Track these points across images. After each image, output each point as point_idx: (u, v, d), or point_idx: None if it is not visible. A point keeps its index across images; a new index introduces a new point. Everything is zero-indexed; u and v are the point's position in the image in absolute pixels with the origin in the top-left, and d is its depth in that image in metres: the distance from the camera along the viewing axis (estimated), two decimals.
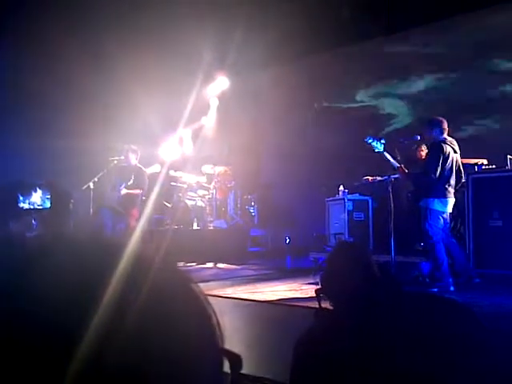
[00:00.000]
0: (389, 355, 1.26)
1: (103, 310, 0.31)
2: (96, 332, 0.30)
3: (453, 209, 5.09)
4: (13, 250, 0.37)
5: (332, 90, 8.83)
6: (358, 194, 7.21)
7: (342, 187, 7.30)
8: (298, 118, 9.03)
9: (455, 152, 5.03)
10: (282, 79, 8.88)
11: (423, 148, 6.04)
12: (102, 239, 0.40)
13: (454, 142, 5.06)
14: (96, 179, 7.15)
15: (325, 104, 9.01)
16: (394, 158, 5.22)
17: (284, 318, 4.08)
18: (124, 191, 6.91)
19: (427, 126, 5.08)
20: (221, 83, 9.47)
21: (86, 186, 7.08)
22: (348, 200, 7.04)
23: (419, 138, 5.46)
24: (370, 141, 5.25)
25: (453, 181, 5.00)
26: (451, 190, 4.98)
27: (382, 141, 5.24)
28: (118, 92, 8.08)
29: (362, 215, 7.07)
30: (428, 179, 4.94)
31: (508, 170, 5.47)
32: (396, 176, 5.83)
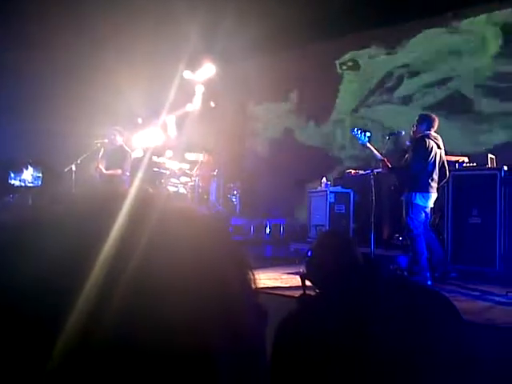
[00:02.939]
0: (368, 338, 1.28)
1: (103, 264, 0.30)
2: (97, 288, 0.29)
3: (434, 203, 5.16)
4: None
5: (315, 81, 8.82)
6: (339, 187, 7.27)
7: (324, 179, 7.35)
8: (284, 107, 9.02)
9: (439, 147, 5.09)
10: (269, 67, 8.85)
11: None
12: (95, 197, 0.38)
13: (439, 138, 5.11)
14: (79, 161, 7.05)
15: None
16: (378, 152, 5.27)
17: (265, 305, 4.11)
18: (104, 171, 6.80)
19: (416, 121, 5.14)
20: (207, 70, 9.39)
21: (68, 168, 6.97)
22: (330, 192, 7.09)
23: (403, 133, 5.51)
24: (355, 132, 5.28)
25: (436, 176, 5.05)
26: (434, 184, 5.03)
27: (368, 133, 5.27)
28: (103, 75, 7.97)
29: (343, 207, 7.13)
30: (410, 173, 4.99)
31: (488, 169, 5.57)
32: (379, 170, 5.89)
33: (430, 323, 1.37)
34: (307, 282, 1.88)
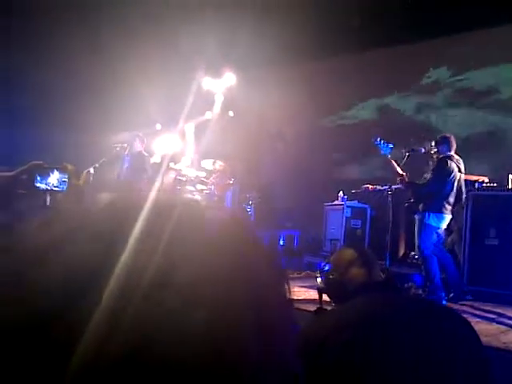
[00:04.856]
0: (384, 354, 1.26)
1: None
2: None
3: (450, 223, 5.10)
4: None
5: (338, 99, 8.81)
6: (356, 202, 7.22)
7: (341, 193, 7.31)
8: (304, 121, 9.02)
9: (459, 171, 5.04)
10: (290, 79, 8.88)
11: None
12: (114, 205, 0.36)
13: (461, 161, 5.07)
14: (97, 165, 7.12)
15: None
16: (398, 166, 5.22)
17: None
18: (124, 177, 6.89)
19: (436, 142, 5.11)
20: (227, 79, 9.45)
21: (86, 171, 7.05)
22: (347, 207, 7.05)
23: (423, 150, 5.46)
24: (378, 142, 5.24)
25: (452, 198, 5.00)
26: (448, 207, 4.99)
27: (391, 145, 5.24)
28: (121, 84, 8.07)
29: (359, 223, 7.08)
30: (427, 191, 4.95)
31: (508, 190, 5.49)
32: (396, 186, 5.84)
33: (449, 344, 1.35)
34: (324, 296, 1.86)
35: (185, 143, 9.59)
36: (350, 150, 8.34)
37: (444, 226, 5.00)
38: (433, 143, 5.13)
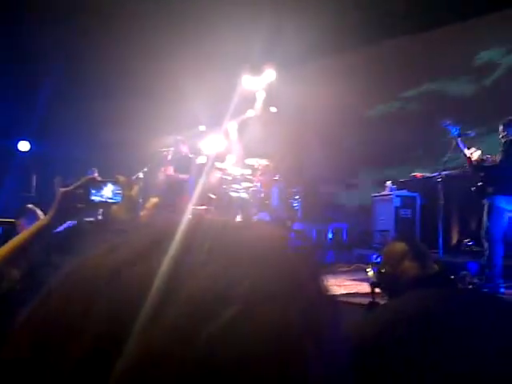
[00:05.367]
0: (440, 350, 1.24)
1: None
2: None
3: None
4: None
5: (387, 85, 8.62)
6: (405, 190, 7.06)
7: (389, 183, 7.17)
8: (349, 111, 8.90)
9: None
10: (331, 71, 8.79)
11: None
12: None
13: None
14: (146, 169, 7.33)
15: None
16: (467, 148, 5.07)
17: None
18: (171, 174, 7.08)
19: (504, 124, 4.95)
20: (268, 75, 9.46)
21: (135, 176, 7.27)
22: (395, 196, 6.90)
23: (473, 134, 5.28)
24: (446, 124, 5.16)
25: None
26: None
27: (458, 127, 5.13)
28: (167, 85, 8.24)
29: (409, 212, 6.92)
30: (498, 174, 4.79)
31: None
32: (446, 172, 5.67)
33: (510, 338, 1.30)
34: (376, 290, 1.85)
35: (229, 142, 9.69)
36: (400, 139, 8.16)
37: None
38: (500, 126, 4.97)
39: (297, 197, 8.99)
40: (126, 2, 6.93)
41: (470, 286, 4.80)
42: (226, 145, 9.57)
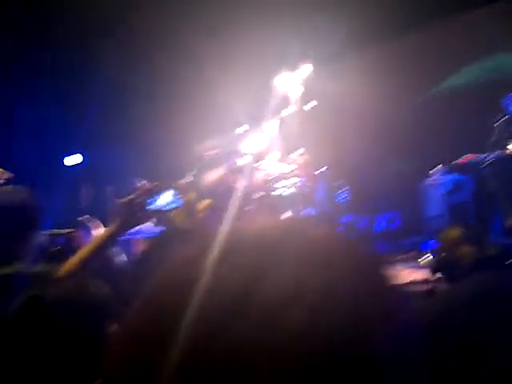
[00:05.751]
0: (501, 334, 1.22)
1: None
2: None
3: None
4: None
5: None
6: (456, 174, 6.86)
7: (440, 167, 6.98)
8: (389, 100, 8.72)
9: None
10: (369, 63, 8.65)
11: None
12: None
13: None
14: (193, 173, 7.44)
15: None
16: None
17: None
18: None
19: None
20: (305, 70, 9.41)
21: (186, 180, 7.38)
22: (447, 180, 6.72)
23: None
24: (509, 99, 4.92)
25: None
26: None
27: None
28: (209, 87, 8.34)
29: (462, 196, 6.72)
30: None
31: None
32: (498, 153, 5.48)
33: None
34: (436, 276, 1.85)
35: (270, 140, 9.72)
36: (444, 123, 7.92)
37: None
38: None
39: (343, 189, 8.90)
40: (165, 6, 7.06)
41: None
42: (268, 143, 9.60)
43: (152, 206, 1.32)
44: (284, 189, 8.70)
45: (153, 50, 7.80)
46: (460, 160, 6.96)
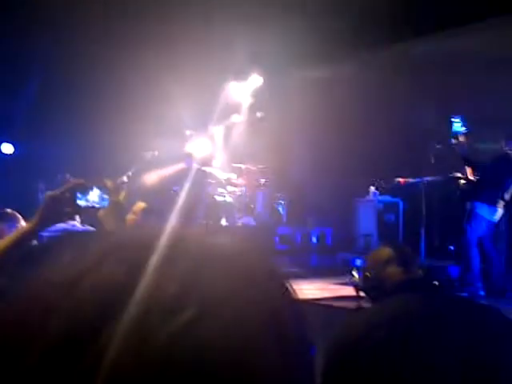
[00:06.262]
0: (421, 355, 1.27)
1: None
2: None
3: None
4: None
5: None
6: (388, 196, 7.18)
7: (372, 188, 7.28)
8: (333, 117, 8.98)
9: None
10: (316, 78, 8.87)
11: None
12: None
13: None
14: (130, 173, 7.29)
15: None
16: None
17: (312, 317, 4.11)
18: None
19: (505, 139, 5.04)
20: (254, 81, 9.52)
21: (120, 180, 7.22)
22: (378, 201, 7.02)
23: (453, 141, 5.34)
24: (454, 119, 5.14)
25: (508, 195, 4.93)
26: (502, 202, 4.92)
27: (465, 126, 5.13)
28: (154, 88, 8.23)
29: (393, 217, 7.04)
30: (484, 184, 4.89)
31: None
32: (429, 179, 5.78)
33: (492, 344, 1.31)
34: (361, 293, 1.90)
35: (214, 146, 9.71)
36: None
37: (496, 219, 4.94)
38: (503, 138, 5.06)
39: (282, 201, 9.05)
40: (114, 4, 6.92)
41: (452, 290, 4.90)
42: (212, 149, 9.59)
43: (80, 203, 1.26)
44: (224, 196, 8.72)
45: (94, 47, 7.59)
46: (392, 182, 7.29)
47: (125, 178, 7.39)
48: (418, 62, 8.04)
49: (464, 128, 5.10)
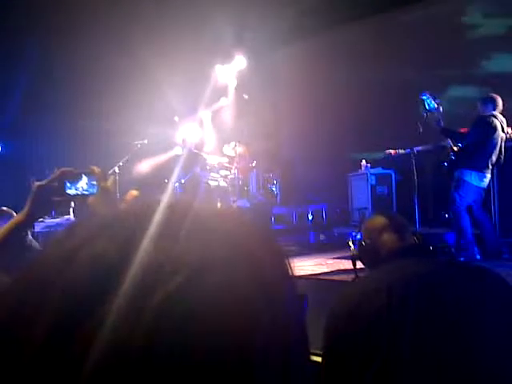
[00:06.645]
0: (419, 318, 1.28)
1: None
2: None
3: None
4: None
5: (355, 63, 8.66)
6: (380, 168, 7.20)
7: (364, 161, 7.30)
8: (319, 94, 8.95)
9: (503, 131, 4.97)
10: (300, 55, 8.82)
11: None
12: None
13: (504, 121, 4.99)
14: (121, 163, 7.26)
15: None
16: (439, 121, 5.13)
17: (312, 292, 4.17)
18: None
19: (480, 102, 5.04)
20: (239, 62, 9.45)
21: (111, 171, 7.19)
22: (371, 174, 7.04)
23: (426, 117, 5.28)
24: (424, 97, 5.15)
25: (495, 157, 4.94)
26: (490, 166, 4.93)
27: (437, 100, 5.14)
28: (141, 74, 8.13)
29: (386, 189, 7.07)
30: (466, 143, 4.91)
31: None
32: (419, 148, 5.81)
33: (489, 304, 1.33)
34: (358, 264, 1.92)
35: (204, 131, 9.68)
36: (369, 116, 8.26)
37: (484, 185, 4.97)
38: (478, 102, 5.07)
39: (275, 181, 9.06)
40: None
41: (448, 256, 4.96)
42: (202, 134, 9.55)
43: (70, 192, 1.25)
44: (217, 180, 8.71)
45: (81, 39, 7.47)
46: (383, 154, 7.31)
47: (116, 169, 7.37)
48: (403, 30, 8.01)
49: (434, 103, 5.10)
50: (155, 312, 0.29)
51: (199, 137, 9.25)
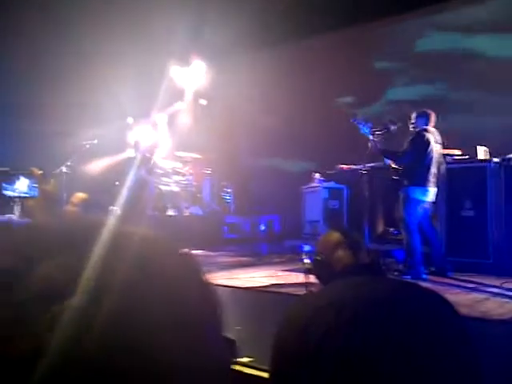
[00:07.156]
0: (364, 336, 1.26)
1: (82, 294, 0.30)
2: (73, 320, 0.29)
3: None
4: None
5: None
6: (333, 182, 7.29)
7: (317, 175, 7.37)
8: (278, 101, 8.98)
9: (437, 142, 5.12)
10: (259, 63, 8.84)
11: None
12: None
13: (436, 133, 5.14)
14: (69, 163, 6.99)
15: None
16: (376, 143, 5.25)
17: (261, 304, 4.11)
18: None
19: (414, 117, 5.16)
20: (196, 67, 9.36)
21: (58, 170, 6.91)
22: (323, 188, 7.11)
23: (392, 127, 5.44)
24: (356, 121, 5.28)
25: (434, 169, 5.06)
26: (432, 179, 5.05)
27: (369, 125, 5.28)
28: (93, 75, 7.89)
29: (337, 203, 7.16)
30: (404, 162, 5.03)
31: (478, 161, 5.60)
32: (370, 165, 5.91)
33: (433, 326, 1.33)
34: (311, 278, 1.88)
35: (158, 135, 9.49)
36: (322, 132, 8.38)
37: (429, 199, 5.07)
38: (413, 115, 5.19)
39: (228, 190, 9.00)
40: None
41: (396, 273, 5.03)
42: (155, 138, 9.36)
43: (7, 193, 1.14)
44: (170, 185, 8.54)
45: (27, 34, 7.18)
46: (336, 169, 7.41)
47: (64, 168, 7.08)
48: (354, 41, 8.20)
49: (365, 128, 5.26)
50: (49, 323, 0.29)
51: (153, 140, 9.05)
